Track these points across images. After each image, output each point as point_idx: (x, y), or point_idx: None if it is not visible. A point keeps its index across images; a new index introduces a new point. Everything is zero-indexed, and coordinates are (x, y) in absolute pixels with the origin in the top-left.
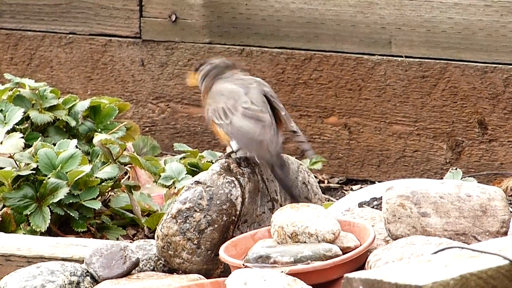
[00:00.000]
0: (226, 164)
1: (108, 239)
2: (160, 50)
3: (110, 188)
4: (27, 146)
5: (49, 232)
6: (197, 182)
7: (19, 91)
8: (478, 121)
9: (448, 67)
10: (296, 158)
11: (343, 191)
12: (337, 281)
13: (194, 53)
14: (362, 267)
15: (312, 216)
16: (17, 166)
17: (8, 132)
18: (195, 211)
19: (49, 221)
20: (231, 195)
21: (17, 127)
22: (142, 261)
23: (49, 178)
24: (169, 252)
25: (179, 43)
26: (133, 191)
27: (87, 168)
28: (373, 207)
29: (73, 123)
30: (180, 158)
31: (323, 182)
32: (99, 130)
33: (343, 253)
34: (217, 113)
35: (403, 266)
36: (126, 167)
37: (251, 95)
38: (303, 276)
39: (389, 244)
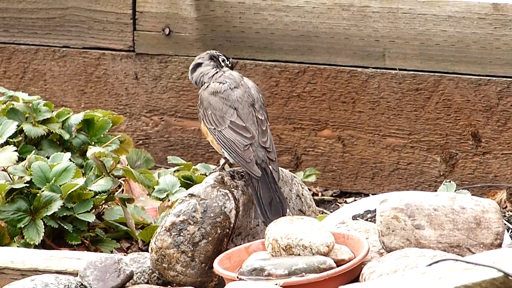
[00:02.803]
0: (220, 177)
1: (102, 252)
2: (153, 64)
3: (104, 201)
4: (20, 159)
5: (43, 245)
6: (191, 195)
7: (13, 105)
8: (472, 133)
9: (442, 80)
10: (289, 170)
11: (337, 203)
12: None
13: (187, 66)
14: (356, 279)
15: (306, 228)
16: (11, 179)
17: (1, 145)
18: (189, 224)
19: (43, 234)
20: (225, 207)
21: (11, 140)
22: (136, 274)
23: (43, 191)
24: (163, 265)
25: (173, 56)
26: (127, 204)
27: (80, 181)
28: (367, 220)
29: (66, 136)
30: (174, 171)
31: (317, 195)
32: (93, 143)
33: (337, 266)
34: (207, 118)
35: (397, 278)
36: (119, 180)
37: (239, 110)
38: None
39: (383, 256)
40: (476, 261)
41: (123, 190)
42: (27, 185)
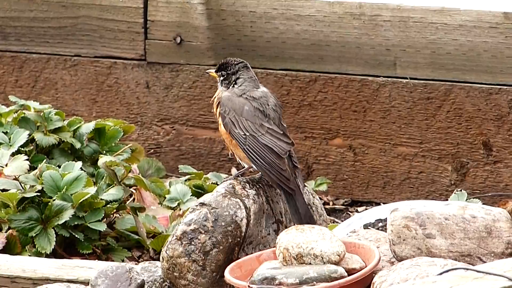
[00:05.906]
0: (231, 185)
1: (113, 261)
2: (165, 72)
3: (115, 210)
4: (32, 168)
5: (54, 254)
6: (202, 204)
7: (24, 113)
8: (483, 142)
9: (453, 89)
10: None
11: (348, 212)
12: None
13: (199, 75)
14: None
15: (317, 237)
16: (22, 188)
17: (13, 154)
18: (200, 232)
19: (54, 243)
20: (236, 216)
21: (22, 149)
22: (147, 283)
23: (54, 200)
24: (175, 273)
25: (184, 65)
26: (138, 213)
27: (92, 190)
28: (378, 229)
29: (78, 145)
30: (185, 180)
31: (328, 204)
32: (104, 152)
33: (348, 275)
34: (239, 124)
35: (408, 287)
36: (131, 189)
37: (272, 117)
38: None
39: (394, 265)
40: (486, 270)
41: (134, 199)
42: (39, 194)
